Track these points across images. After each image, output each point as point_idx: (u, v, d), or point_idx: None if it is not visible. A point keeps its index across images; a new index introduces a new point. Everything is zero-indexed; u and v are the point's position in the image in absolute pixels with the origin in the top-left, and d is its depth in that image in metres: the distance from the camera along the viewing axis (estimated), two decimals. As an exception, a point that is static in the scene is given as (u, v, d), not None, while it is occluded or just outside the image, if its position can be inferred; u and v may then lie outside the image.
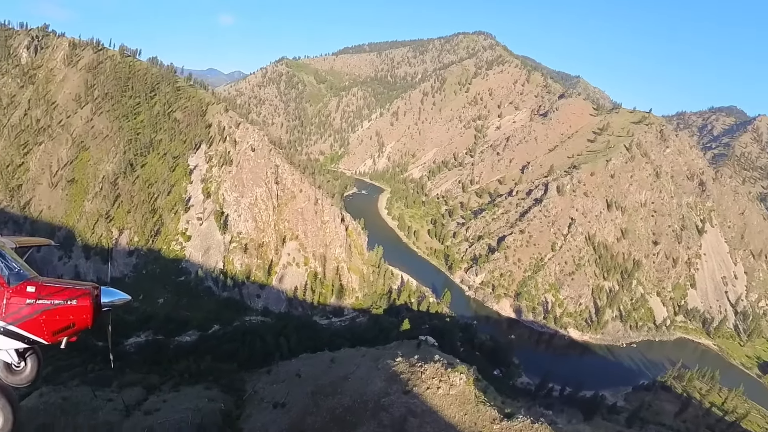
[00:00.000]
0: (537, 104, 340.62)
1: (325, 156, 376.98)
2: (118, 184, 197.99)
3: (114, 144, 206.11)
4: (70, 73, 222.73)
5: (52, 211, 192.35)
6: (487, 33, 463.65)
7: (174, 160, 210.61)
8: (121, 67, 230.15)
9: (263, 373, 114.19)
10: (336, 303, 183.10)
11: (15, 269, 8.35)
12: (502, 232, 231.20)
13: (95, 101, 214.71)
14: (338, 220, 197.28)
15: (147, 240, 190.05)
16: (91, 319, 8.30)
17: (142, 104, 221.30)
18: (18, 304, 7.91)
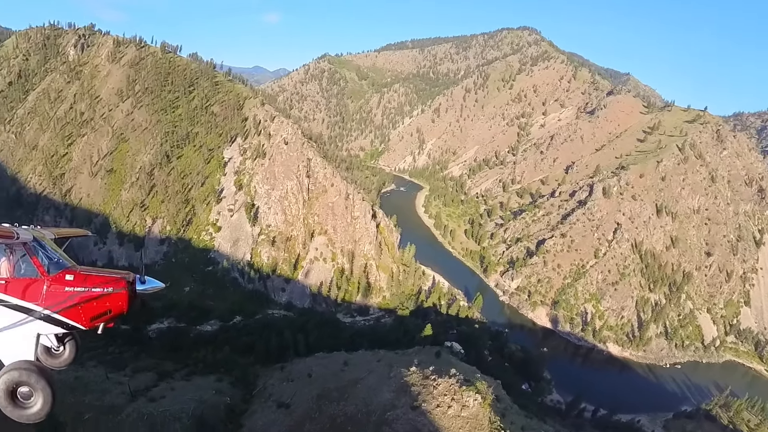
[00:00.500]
0: (584, 101, 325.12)
1: (365, 152, 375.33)
2: (154, 175, 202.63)
3: (152, 136, 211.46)
4: (114, 69, 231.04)
5: (91, 199, 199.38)
6: (532, 28, 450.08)
7: (209, 152, 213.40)
8: (162, 63, 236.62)
9: (277, 369, 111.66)
10: (362, 301, 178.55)
11: (54, 259, 9.07)
12: (542, 235, 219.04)
13: (136, 95, 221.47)
14: (369, 216, 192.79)
15: (178, 229, 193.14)
16: (127, 306, 9.10)
17: (180, 98, 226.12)
18: (57, 291, 8.57)
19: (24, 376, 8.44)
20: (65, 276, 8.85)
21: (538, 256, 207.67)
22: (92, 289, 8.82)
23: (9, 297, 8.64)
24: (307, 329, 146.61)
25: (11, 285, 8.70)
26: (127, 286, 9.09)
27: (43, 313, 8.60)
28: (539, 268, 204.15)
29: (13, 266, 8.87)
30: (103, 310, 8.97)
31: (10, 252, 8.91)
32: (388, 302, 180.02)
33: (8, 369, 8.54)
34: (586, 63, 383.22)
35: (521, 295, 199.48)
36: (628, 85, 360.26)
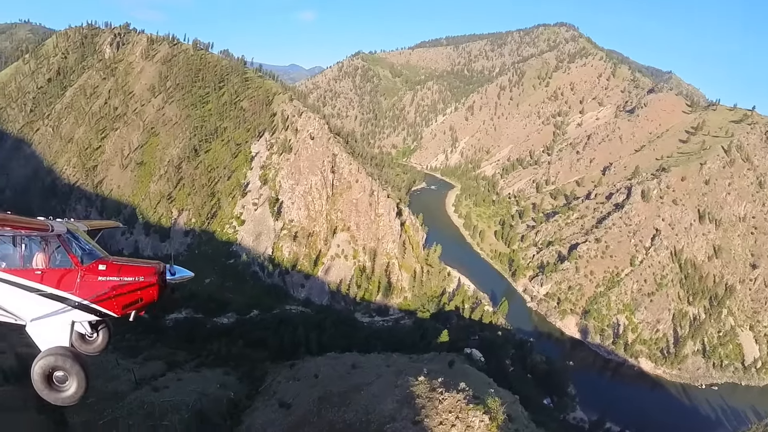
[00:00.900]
0: (623, 100, 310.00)
1: (397, 149, 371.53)
2: (182, 168, 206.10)
3: (181, 130, 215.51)
4: (147, 65, 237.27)
5: (121, 190, 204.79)
6: (569, 24, 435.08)
7: (237, 147, 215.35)
8: (193, 60, 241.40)
9: (286, 367, 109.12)
10: (381, 301, 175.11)
11: (87, 250, 9.60)
12: (576, 239, 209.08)
13: (167, 91, 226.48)
14: (393, 213, 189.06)
15: (203, 222, 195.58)
16: (158, 295, 9.63)
17: (210, 94, 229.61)
18: (91, 281, 9.12)
19: (59, 361, 8.86)
20: (98, 266, 9.34)
21: (569, 262, 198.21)
22: (124, 278, 9.28)
23: (45, 287, 9.04)
24: (323, 327, 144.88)
25: (47, 275, 9.10)
26: (157, 275, 9.54)
27: (78, 302, 9.10)
28: (570, 274, 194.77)
29: (48, 257, 9.32)
30: (134, 298, 9.45)
31: (46, 244, 9.34)
32: (409, 303, 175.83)
33: (45, 354, 8.95)
34: (626, 60, 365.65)
35: (550, 302, 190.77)
36: (669, 83, 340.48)
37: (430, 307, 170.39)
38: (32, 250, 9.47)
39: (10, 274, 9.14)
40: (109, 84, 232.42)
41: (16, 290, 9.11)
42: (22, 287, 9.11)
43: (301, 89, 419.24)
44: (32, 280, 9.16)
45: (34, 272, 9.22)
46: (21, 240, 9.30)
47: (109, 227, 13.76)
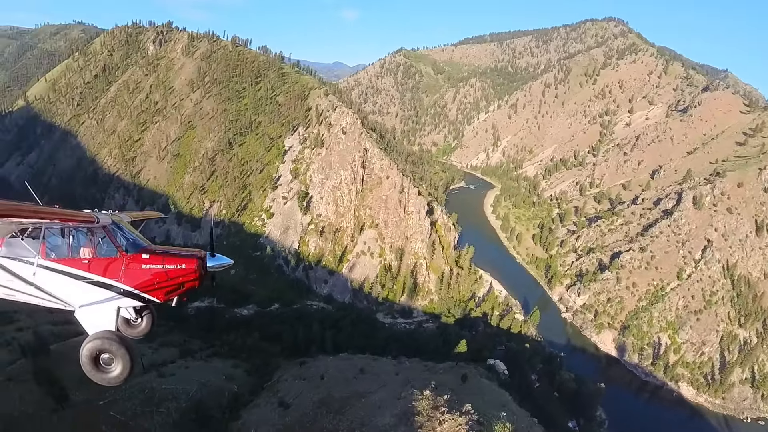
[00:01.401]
0: (675, 99, 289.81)
1: (437, 147, 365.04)
2: (216, 161, 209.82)
3: (217, 124, 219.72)
4: (187, 61, 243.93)
5: (157, 181, 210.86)
6: (618, 19, 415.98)
7: (271, 141, 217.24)
8: (231, 56, 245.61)
9: (296, 364, 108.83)
10: (406, 302, 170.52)
11: (131, 239, 10.14)
12: (618, 247, 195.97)
13: (205, 86, 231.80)
14: (423, 211, 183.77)
15: (233, 213, 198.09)
16: (199, 281, 10.18)
17: (247, 89, 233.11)
18: (135, 268, 9.65)
19: (106, 344, 9.45)
20: (142, 255, 9.84)
21: (610, 271, 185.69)
22: (167, 266, 9.75)
23: (92, 275, 9.54)
24: (341, 326, 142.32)
25: (94, 264, 9.61)
26: (198, 262, 10.00)
27: (122, 289, 9.63)
28: (611, 285, 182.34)
29: (95, 247, 9.79)
30: (176, 285, 9.95)
31: (92, 235, 9.83)
32: (435, 306, 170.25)
33: (92, 338, 9.53)
34: (679, 57, 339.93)
35: (586, 314, 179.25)
36: (726, 81, 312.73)
37: (456, 311, 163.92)
38: (80, 241, 9.92)
39: (60, 263, 9.58)
40: (150, 79, 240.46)
41: (66, 278, 9.59)
42: (71, 275, 9.57)
43: (343, 86, 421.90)
44: (80, 269, 9.62)
45: (82, 261, 9.68)
46: (69, 231, 9.79)
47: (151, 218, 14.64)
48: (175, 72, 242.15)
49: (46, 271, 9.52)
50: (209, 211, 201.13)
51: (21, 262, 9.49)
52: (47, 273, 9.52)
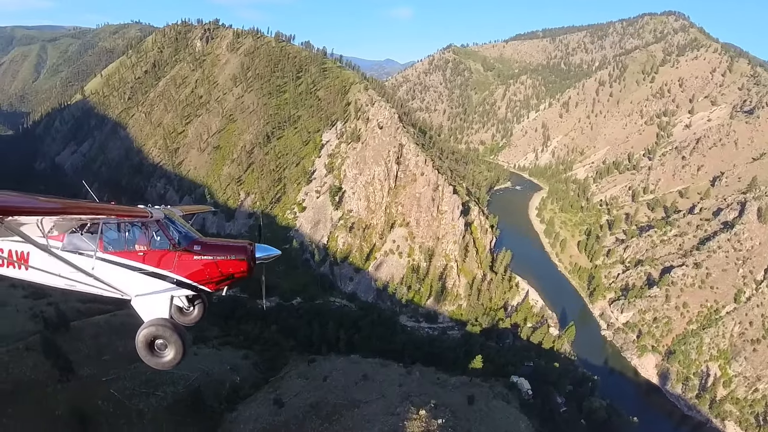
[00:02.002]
0: (740, 99, 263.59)
1: (485, 146, 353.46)
2: (254, 153, 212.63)
3: (257, 118, 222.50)
4: (232, 57, 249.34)
5: (197, 171, 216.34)
6: (678, 13, 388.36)
7: (309, 135, 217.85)
8: (274, 51, 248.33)
9: (305, 362, 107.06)
10: (432, 306, 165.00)
11: (183, 232, 10.80)
12: (670, 260, 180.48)
13: (247, 81, 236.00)
14: (458, 211, 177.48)
15: (267, 205, 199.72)
16: (248, 271, 10.68)
17: (288, 83, 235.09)
18: (187, 260, 10.27)
19: (160, 330, 10.09)
20: (193, 246, 10.47)
21: (659, 288, 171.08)
22: (217, 256, 10.32)
23: (147, 266, 10.20)
24: (360, 326, 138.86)
25: (148, 256, 10.25)
26: (247, 253, 10.54)
27: (175, 279, 10.25)
28: (658, 304, 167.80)
29: (149, 240, 10.42)
30: (226, 274, 10.50)
31: (146, 229, 10.48)
32: (462, 312, 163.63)
33: (147, 325, 10.22)
34: (745, 55, 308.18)
35: (629, 333, 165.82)
36: None
37: (484, 320, 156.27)
38: (135, 235, 10.48)
39: (117, 256, 10.21)
40: (196, 74, 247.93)
41: (122, 270, 10.17)
42: (127, 267, 10.18)
43: (391, 83, 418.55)
44: (136, 261, 10.23)
45: (137, 254, 10.28)
46: (125, 226, 10.41)
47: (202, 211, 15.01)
48: (220, 67, 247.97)
49: (104, 263, 10.07)
50: (244, 203, 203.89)
51: (81, 255, 10.00)
52: (105, 265, 10.05)
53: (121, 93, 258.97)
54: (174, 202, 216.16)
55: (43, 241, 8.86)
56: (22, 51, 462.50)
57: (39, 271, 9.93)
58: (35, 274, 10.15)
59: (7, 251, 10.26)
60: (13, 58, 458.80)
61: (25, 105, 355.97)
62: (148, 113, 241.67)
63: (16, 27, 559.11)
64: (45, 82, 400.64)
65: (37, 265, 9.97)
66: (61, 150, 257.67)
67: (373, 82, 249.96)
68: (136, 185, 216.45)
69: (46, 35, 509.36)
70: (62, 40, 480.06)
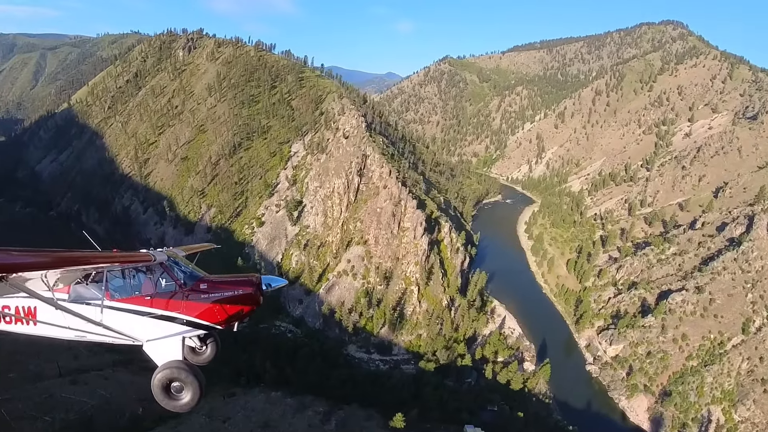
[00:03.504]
0: (743, 105, 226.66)
1: (478, 158, 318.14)
2: (219, 165, 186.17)
3: (227, 128, 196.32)
4: (210, 67, 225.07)
5: (164, 183, 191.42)
6: (677, 22, 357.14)
7: (278, 146, 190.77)
8: (252, 61, 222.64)
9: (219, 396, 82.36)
10: (386, 336, 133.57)
11: (188, 272, 9.84)
12: (668, 283, 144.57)
13: (222, 90, 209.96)
14: (421, 228, 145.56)
15: (227, 219, 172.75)
16: (257, 304, 9.72)
17: (263, 93, 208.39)
18: (195, 299, 9.35)
19: (175, 373, 9.08)
20: (200, 285, 9.55)
21: (655, 317, 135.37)
22: (224, 293, 9.42)
23: (155, 309, 9.31)
24: (300, 355, 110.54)
25: (156, 299, 9.35)
26: (254, 287, 9.62)
27: (185, 319, 9.32)
28: (653, 335, 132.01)
29: (155, 284, 9.54)
30: (236, 310, 9.53)
31: (151, 272, 9.61)
32: (421, 344, 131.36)
33: (162, 368, 9.20)
34: (745, 62, 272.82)
35: (618, 369, 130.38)
36: None
37: (443, 355, 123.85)
38: (140, 279, 9.65)
39: (124, 302, 9.38)
40: (175, 84, 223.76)
41: (131, 316, 9.32)
42: (136, 313, 9.36)
43: (387, 95, 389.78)
44: (143, 305, 9.41)
45: (144, 298, 9.45)
46: (129, 272, 9.61)
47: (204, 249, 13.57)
48: (198, 77, 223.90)
49: (113, 311, 9.25)
50: (204, 216, 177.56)
51: (88, 305, 9.21)
52: (114, 313, 9.24)
53: (102, 102, 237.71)
54: (138, 214, 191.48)
55: (49, 295, 8.34)
56: (23, 58, 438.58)
57: (47, 325, 9.04)
58: (44, 328, 9.24)
59: (14, 308, 9.47)
60: (12, 65, 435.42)
61: (21, 112, 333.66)
62: (124, 123, 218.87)
63: (18, 34, 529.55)
64: (42, 89, 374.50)
65: (45, 320, 9.04)
66: (42, 158, 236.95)
67: (351, 91, 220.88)
68: (105, 195, 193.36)
69: (47, 43, 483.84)
70: (62, 49, 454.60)
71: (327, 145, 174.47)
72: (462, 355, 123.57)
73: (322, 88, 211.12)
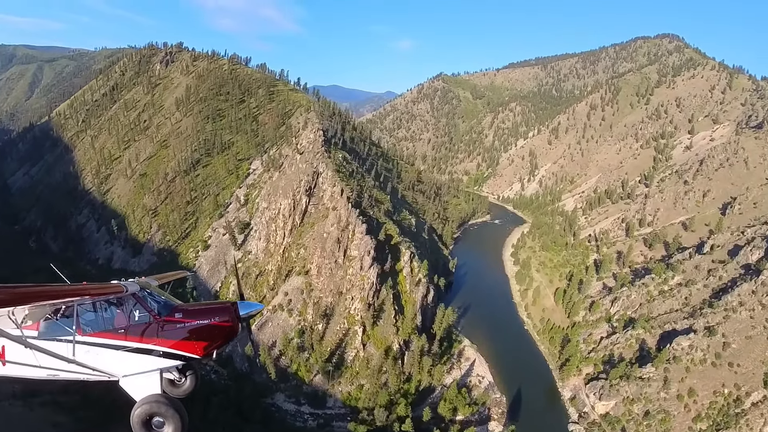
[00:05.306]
0: (745, 114, 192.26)
1: (469, 176, 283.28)
2: (175, 182, 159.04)
3: (189, 143, 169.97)
4: (184, 80, 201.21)
5: (120, 200, 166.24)
6: (672, 35, 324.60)
7: (237, 162, 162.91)
8: (225, 74, 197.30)
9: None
10: (321, 384, 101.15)
11: (162, 302, 8.73)
12: (672, 321, 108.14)
13: (189, 104, 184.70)
14: (369, 258, 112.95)
15: (175, 241, 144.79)
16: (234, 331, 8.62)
17: (231, 107, 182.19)
18: (171, 330, 8.29)
19: (155, 407, 8.06)
20: (174, 314, 8.57)
21: (655, 366, 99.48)
22: (200, 322, 8.50)
23: (130, 342, 8.27)
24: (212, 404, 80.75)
25: (130, 332, 8.34)
26: (231, 313, 8.69)
27: (162, 351, 8.33)
28: (653, 390, 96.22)
29: (128, 315, 8.55)
30: (213, 339, 8.57)
31: (124, 304, 8.59)
32: (362, 396, 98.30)
33: (141, 404, 8.14)
34: (744, 72, 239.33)
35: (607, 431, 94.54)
36: None
37: (382, 416, 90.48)
38: (113, 312, 8.54)
39: (97, 337, 8.22)
40: (147, 98, 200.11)
41: (105, 351, 8.16)
42: (110, 347, 8.21)
43: (380, 112, 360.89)
44: (118, 339, 8.28)
45: (118, 331, 8.33)
46: (101, 305, 8.55)
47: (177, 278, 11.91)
48: (171, 91, 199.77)
49: (86, 346, 8.07)
50: (153, 237, 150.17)
51: (60, 342, 8.00)
52: (87, 348, 8.06)
53: (78, 116, 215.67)
54: (92, 232, 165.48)
55: (17, 333, 7.40)
56: (20, 69, 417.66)
57: (17, 365, 7.98)
58: (13, 368, 8.06)
59: None
60: (10, 75, 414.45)
61: (14, 123, 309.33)
62: (94, 137, 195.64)
63: (19, 45, 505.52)
64: (36, 101, 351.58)
65: (14, 359, 7.95)
66: (16, 170, 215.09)
67: (324, 105, 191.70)
68: (64, 211, 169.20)
69: (46, 55, 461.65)
70: (59, 61, 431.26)
71: (283, 162, 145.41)
72: (402, 418, 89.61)
73: (293, 103, 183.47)
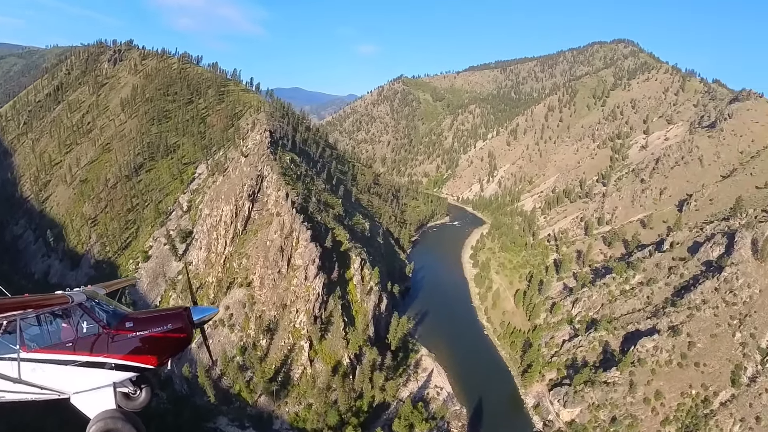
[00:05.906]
0: (697, 115, 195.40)
1: (428, 178, 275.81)
2: (117, 189, 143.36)
3: (132, 147, 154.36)
4: (131, 80, 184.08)
5: (59, 208, 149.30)
6: (628, 40, 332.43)
7: (184, 166, 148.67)
8: (173, 73, 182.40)
9: None
10: (266, 405, 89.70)
11: (111, 311, 8.06)
12: (636, 321, 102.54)
13: (135, 105, 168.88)
14: (314, 267, 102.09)
15: (115, 252, 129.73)
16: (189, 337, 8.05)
17: (180, 108, 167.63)
18: (121, 340, 7.67)
19: (110, 424, 7.44)
20: (125, 324, 7.87)
21: (620, 369, 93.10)
22: (153, 330, 7.80)
23: (79, 356, 7.57)
24: None
25: (78, 345, 7.62)
26: (184, 320, 7.98)
27: (114, 363, 7.66)
28: (619, 395, 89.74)
29: (75, 328, 7.80)
30: (167, 347, 7.93)
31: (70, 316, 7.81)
32: (309, 417, 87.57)
33: (95, 420, 7.53)
34: (695, 75, 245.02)
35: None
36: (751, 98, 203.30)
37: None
38: (59, 325, 7.74)
39: (44, 352, 7.47)
40: (92, 99, 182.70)
41: (53, 367, 7.44)
42: (58, 362, 7.49)
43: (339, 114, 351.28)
44: (66, 354, 7.53)
45: (65, 345, 7.57)
46: (45, 318, 7.71)
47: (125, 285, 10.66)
48: (117, 91, 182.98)
49: (31, 364, 7.33)
50: (92, 248, 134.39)
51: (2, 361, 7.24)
52: (33, 366, 7.32)
53: (19, 117, 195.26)
54: (28, 243, 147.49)
55: None
56: None
57: None
58: None
59: None
60: None
61: None
62: (35, 141, 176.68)
63: None
64: None
65: None
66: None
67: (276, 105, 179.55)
68: (2, 220, 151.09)
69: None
70: (7, 59, 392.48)
71: (228, 165, 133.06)
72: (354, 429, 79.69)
73: (243, 103, 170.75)
